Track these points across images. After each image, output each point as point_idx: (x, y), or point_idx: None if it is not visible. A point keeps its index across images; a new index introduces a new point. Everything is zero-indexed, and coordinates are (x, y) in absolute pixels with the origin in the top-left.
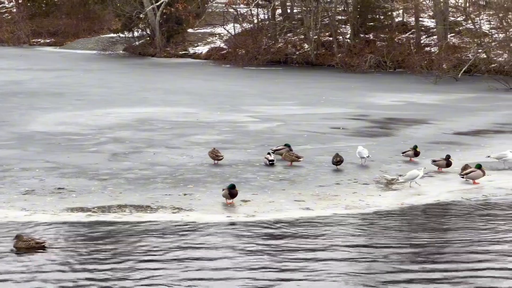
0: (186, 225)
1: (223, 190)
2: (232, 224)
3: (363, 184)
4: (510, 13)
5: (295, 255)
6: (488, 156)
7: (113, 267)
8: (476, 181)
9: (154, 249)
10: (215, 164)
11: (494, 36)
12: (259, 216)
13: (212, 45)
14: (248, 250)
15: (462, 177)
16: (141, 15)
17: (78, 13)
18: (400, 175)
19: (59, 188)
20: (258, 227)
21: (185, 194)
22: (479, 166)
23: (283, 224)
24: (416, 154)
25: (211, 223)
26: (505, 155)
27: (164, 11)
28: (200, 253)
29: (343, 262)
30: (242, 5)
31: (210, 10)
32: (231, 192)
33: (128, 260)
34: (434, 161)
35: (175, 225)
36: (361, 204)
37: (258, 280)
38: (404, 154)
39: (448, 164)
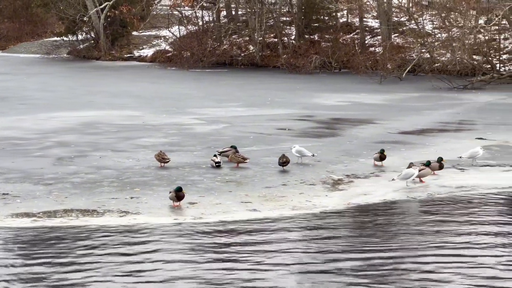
0: (133, 228)
1: (170, 192)
2: (179, 226)
3: (310, 184)
4: (452, 13)
5: (242, 257)
6: (460, 157)
7: (59, 272)
8: (423, 179)
9: (101, 253)
10: (161, 166)
11: (437, 36)
12: (206, 218)
13: (157, 48)
14: (195, 252)
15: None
16: (85, 18)
17: (20, 17)
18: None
19: (3, 194)
20: (205, 229)
21: (132, 198)
22: (428, 164)
23: (230, 225)
24: (382, 158)
25: (158, 226)
26: (476, 152)
27: (108, 14)
28: (147, 256)
29: (291, 264)
30: (186, 8)
31: (154, 12)
32: (178, 194)
33: (74, 264)
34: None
35: (122, 229)
36: (308, 205)
37: (205, 283)
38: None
39: (382, 158)
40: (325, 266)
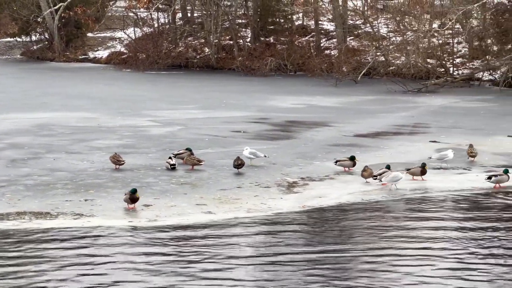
0: (87, 230)
1: (125, 194)
2: (134, 229)
3: (265, 187)
4: (407, 16)
5: (197, 259)
6: (430, 158)
7: (13, 273)
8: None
9: (54, 255)
10: (116, 169)
11: (392, 39)
12: (161, 221)
13: (113, 50)
14: (150, 255)
15: (375, 178)
16: (39, 19)
17: None
18: (376, 176)
19: None
20: (160, 231)
21: (86, 200)
22: (388, 167)
23: (185, 228)
24: (354, 164)
25: (113, 228)
26: (446, 155)
27: (62, 14)
28: (101, 259)
29: (245, 265)
30: (142, 9)
31: (109, 14)
32: (132, 197)
33: (27, 265)
34: (338, 161)
35: (76, 231)
36: (263, 207)
37: (159, 285)
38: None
39: (354, 164)
40: (280, 269)
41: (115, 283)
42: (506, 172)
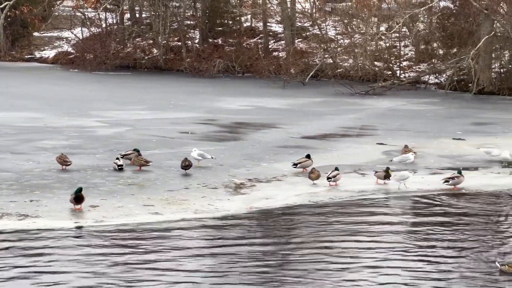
0: (33, 232)
1: (71, 195)
2: (80, 229)
3: (212, 188)
4: (354, 19)
5: (143, 260)
6: (391, 160)
7: None
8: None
9: None
10: (63, 169)
11: (340, 42)
12: (107, 221)
13: (59, 49)
14: (95, 255)
15: (329, 180)
16: None
17: None
18: (330, 177)
19: None
20: (106, 232)
21: (31, 201)
22: (336, 169)
23: (131, 229)
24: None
25: (58, 229)
26: (408, 157)
27: (8, 14)
28: (46, 259)
29: (192, 265)
30: (89, 9)
31: (56, 13)
32: (77, 197)
33: None
34: (295, 164)
35: (21, 232)
36: (210, 208)
37: (104, 286)
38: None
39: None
40: (227, 271)
41: (59, 284)
42: (460, 173)
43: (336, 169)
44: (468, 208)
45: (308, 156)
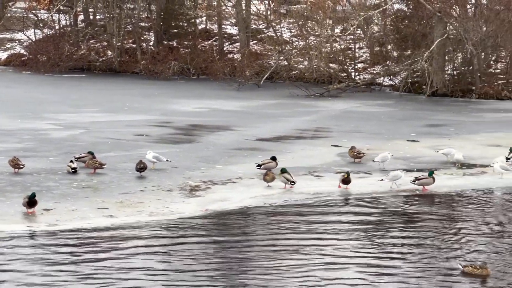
0: None
1: (24, 199)
2: (33, 233)
3: (167, 190)
4: (309, 21)
5: (97, 264)
6: (373, 160)
7: None
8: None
9: None
10: (15, 172)
11: (295, 44)
12: (61, 225)
13: (12, 51)
14: (48, 259)
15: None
16: None
17: None
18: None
19: None
20: (60, 236)
21: None
22: (284, 171)
23: (85, 232)
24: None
25: (11, 233)
26: (386, 157)
27: None
28: None
29: (145, 268)
30: (42, 11)
31: (9, 15)
32: (30, 201)
33: None
34: (259, 165)
35: None
36: (165, 211)
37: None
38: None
39: (277, 164)
40: (182, 272)
41: (8, 281)
42: (431, 174)
43: (283, 170)
44: (422, 209)
45: (273, 158)
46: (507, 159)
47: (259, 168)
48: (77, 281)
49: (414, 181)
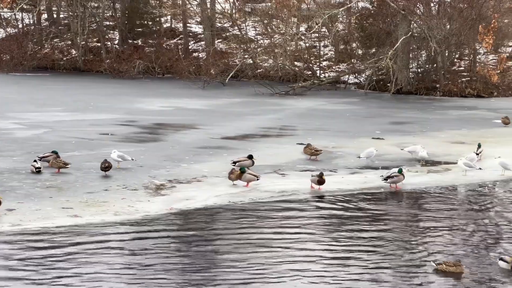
0: None
1: None
2: None
3: (132, 189)
4: (274, 20)
5: (62, 264)
6: (359, 157)
7: None
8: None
9: None
10: None
11: (260, 42)
12: (24, 225)
13: None
14: (11, 260)
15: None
16: None
17: None
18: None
19: None
20: (23, 236)
21: None
22: (243, 170)
23: (49, 232)
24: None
25: None
26: (372, 152)
27: None
28: None
29: (111, 268)
30: (5, 9)
31: None
32: None
33: None
34: (234, 162)
35: None
36: (130, 210)
37: None
38: (237, 164)
39: (253, 163)
40: (146, 270)
41: None
42: (400, 172)
43: (242, 170)
44: (387, 206)
45: (250, 157)
46: (477, 154)
47: (233, 165)
48: (40, 280)
49: (386, 179)
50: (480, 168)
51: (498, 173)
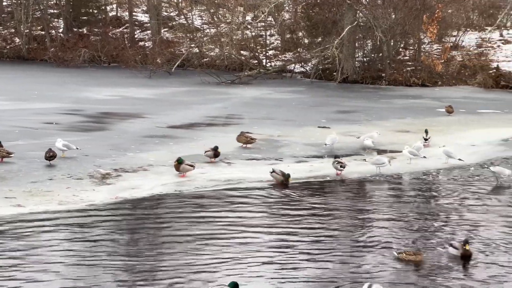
0: None
1: None
2: None
3: (77, 179)
4: (220, 9)
5: (4, 254)
6: (326, 144)
7: None
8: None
9: None
10: None
11: (206, 31)
12: None
13: None
14: None
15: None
16: None
17: None
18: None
19: None
20: None
21: None
22: (181, 161)
23: None
24: (216, 155)
25: None
26: (335, 138)
27: None
28: None
29: (55, 258)
30: None
31: None
32: None
33: None
34: (206, 151)
35: None
36: (75, 199)
37: None
38: (205, 153)
39: (216, 154)
40: (92, 261)
41: None
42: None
43: (179, 161)
44: (333, 194)
45: (215, 148)
46: (426, 139)
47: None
48: None
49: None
50: (425, 157)
51: (442, 161)
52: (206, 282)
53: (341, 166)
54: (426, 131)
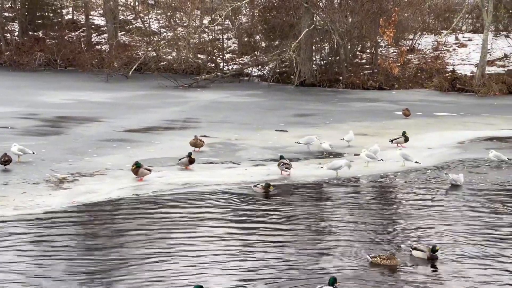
0: None
1: None
2: None
3: (33, 183)
4: (177, 12)
5: None
6: (298, 142)
7: None
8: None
9: None
10: None
11: (163, 35)
12: None
13: None
14: None
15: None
16: None
17: None
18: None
19: None
20: None
21: None
22: (139, 165)
23: None
24: (191, 161)
25: None
26: (312, 139)
27: None
28: None
29: (11, 265)
30: None
31: None
32: None
33: None
34: (180, 159)
35: None
36: (31, 204)
37: None
38: (179, 161)
39: (191, 161)
40: (49, 266)
41: None
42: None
43: (137, 165)
44: (290, 197)
45: (189, 155)
46: (391, 141)
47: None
48: None
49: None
50: (382, 160)
51: (399, 164)
52: (166, 286)
53: (286, 168)
54: (404, 133)
